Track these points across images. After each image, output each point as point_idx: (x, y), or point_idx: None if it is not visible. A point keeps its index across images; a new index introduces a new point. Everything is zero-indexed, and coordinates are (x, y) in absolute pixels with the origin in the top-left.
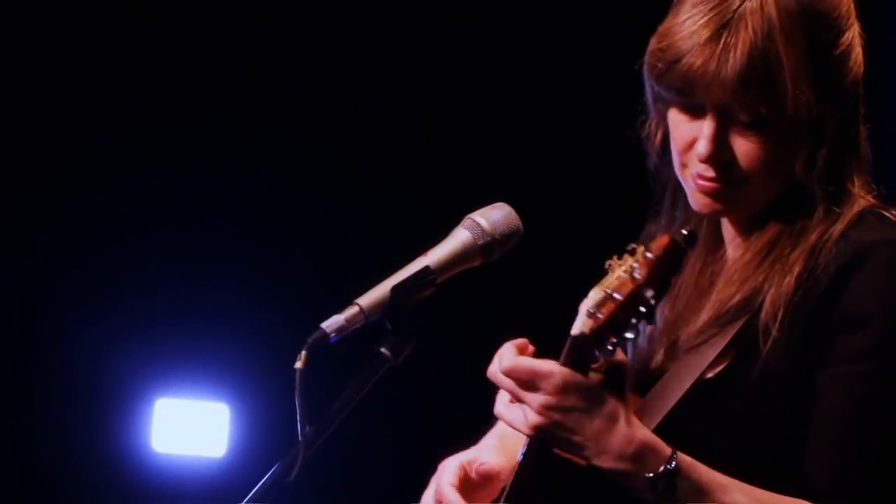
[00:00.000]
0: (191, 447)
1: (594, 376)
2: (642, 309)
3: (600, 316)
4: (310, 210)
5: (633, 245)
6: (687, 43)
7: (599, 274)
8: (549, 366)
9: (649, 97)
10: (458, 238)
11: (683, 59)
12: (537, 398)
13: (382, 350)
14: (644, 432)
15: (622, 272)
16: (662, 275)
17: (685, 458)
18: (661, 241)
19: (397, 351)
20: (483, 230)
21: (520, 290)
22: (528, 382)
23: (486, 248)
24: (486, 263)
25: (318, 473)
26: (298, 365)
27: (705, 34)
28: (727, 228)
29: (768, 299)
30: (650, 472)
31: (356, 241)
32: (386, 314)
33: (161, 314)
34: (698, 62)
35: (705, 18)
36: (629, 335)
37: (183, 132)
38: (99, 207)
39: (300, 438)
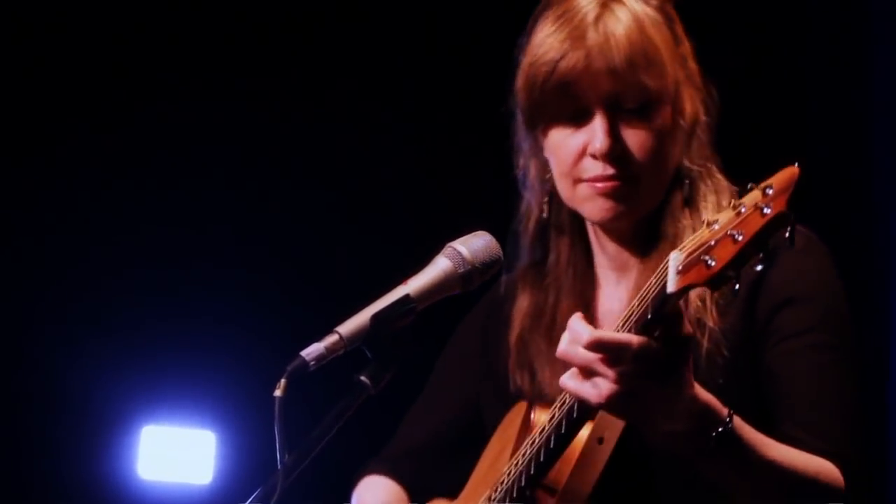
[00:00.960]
0: (177, 474)
1: (667, 344)
2: (787, 233)
3: (714, 262)
4: (292, 238)
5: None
6: (565, 44)
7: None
8: (629, 336)
9: (521, 129)
10: (439, 266)
11: (565, 59)
12: (613, 371)
13: (362, 378)
14: (705, 393)
15: (729, 216)
16: (793, 201)
17: (738, 419)
18: (785, 173)
19: (377, 379)
20: (463, 258)
21: None
22: (613, 354)
23: (467, 277)
24: (466, 291)
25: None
26: (278, 393)
27: (580, 31)
28: (601, 258)
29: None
30: (714, 431)
31: (338, 270)
32: (366, 342)
33: (147, 342)
34: (581, 56)
35: (576, 20)
36: (759, 267)
37: (167, 160)
38: (86, 235)
39: (279, 467)
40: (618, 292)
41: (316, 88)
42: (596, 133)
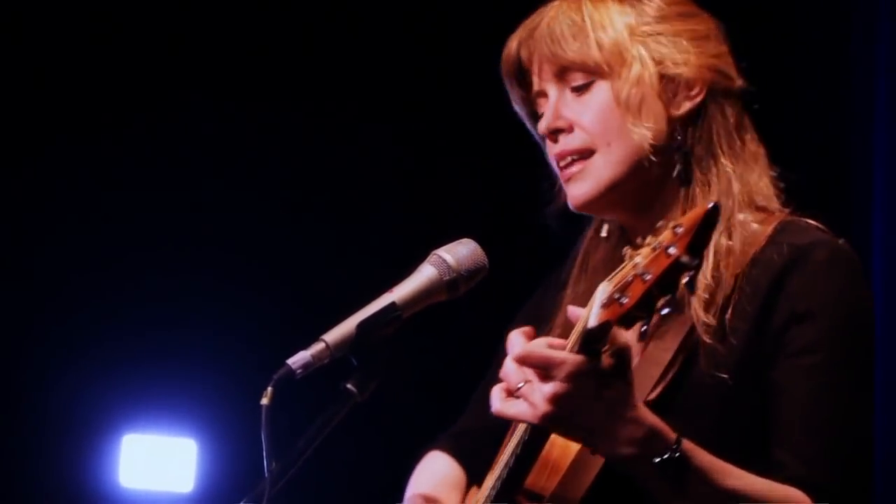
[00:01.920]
0: (158, 483)
1: (604, 361)
2: (686, 277)
3: (626, 300)
4: (276, 246)
5: (639, 241)
6: (514, 41)
7: None
8: (561, 354)
9: None
10: (424, 274)
11: (513, 48)
12: (548, 387)
13: (348, 386)
14: (652, 417)
15: (645, 253)
16: (701, 242)
17: (688, 443)
18: (693, 213)
19: (363, 387)
20: (449, 266)
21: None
22: (541, 370)
23: (452, 284)
24: (452, 299)
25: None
26: (264, 401)
27: (525, 24)
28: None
29: (695, 305)
30: (657, 457)
31: (323, 277)
32: (352, 350)
33: (128, 350)
34: (514, 43)
35: (525, 22)
36: (665, 311)
37: (151, 171)
38: (67, 245)
39: (266, 475)
40: None
41: (302, 97)
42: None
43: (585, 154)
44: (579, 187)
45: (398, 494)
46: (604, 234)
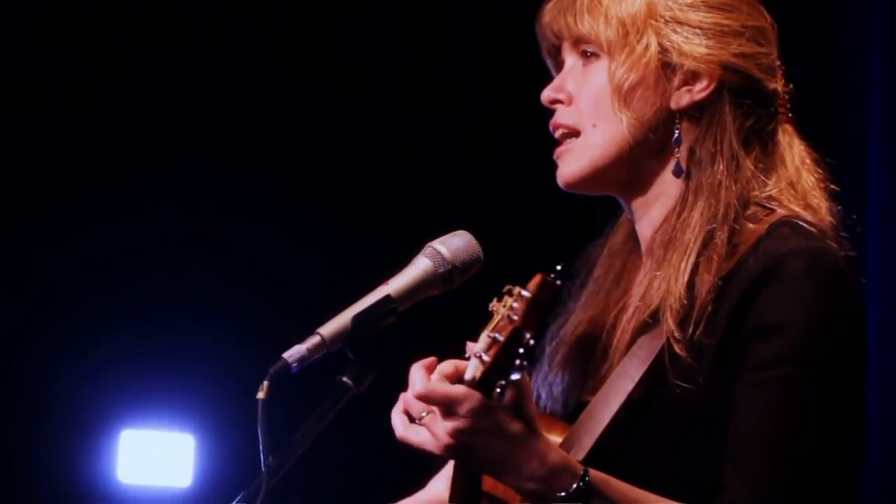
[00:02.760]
0: (156, 478)
1: (506, 395)
2: (521, 350)
3: (486, 359)
4: (271, 240)
5: (509, 286)
6: (544, 8)
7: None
8: (462, 391)
9: None
10: (419, 266)
11: (543, 15)
12: (449, 423)
13: (344, 379)
14: (556, 453)
15: (503, 313)
16: (538, 315)
17: (597, 474)
18: (535, 280)
19: (359, 380)
20: (444, 258)
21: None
22: (443, 407)
23: (447, 276)
24: (447, 291)
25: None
26: (260, 395)
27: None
28: (641, 236)
29: (668, 316)
30: (562, 492)
31: (318, 271)
32: (347, 343)
33: (126, 346)
34: (554, 8)
35: None
36: (515, 376)
37: (144, 170)
38: (64, 243)
39: (263, 469)
40: (640, 287)
41: (296, 94)
42: None
43: (573, 130)
44: (565, 167)
45: (393, 487)
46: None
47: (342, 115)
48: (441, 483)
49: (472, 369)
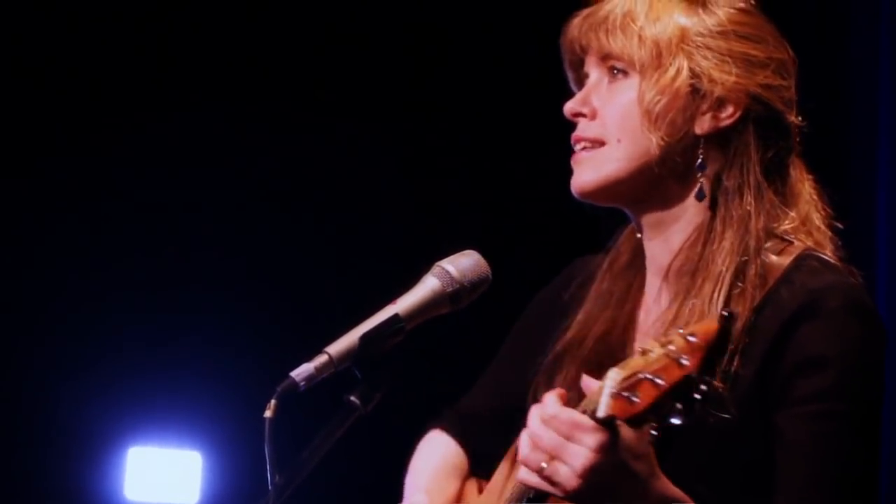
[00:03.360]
0: (164, 495)
1: (624, 431)
2: (696, 395)
3: (637, 400)
4: (279, 258)
5: (668, 329)
6: (573, 21)
7: None
8: (591, 422)
9: None
10: (427, 285)
11: (572, 28)
12: (579, 461)
13: (352, 399)
14: (673, 489)
15: (657, 354)
16: (712, 361)
17: None
18: (708, 327)
19: (367, 399)
20: (452, 278)
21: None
22: (567, 434)
23: (455, 296)
24: (455, 310)
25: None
26: (268, 414)
27: (593, 7)
28: (647, 255)
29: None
30: None
31: (326, 290)
32: (355, 362)
33: (133, 362)
34: (584, 22)
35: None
36: (675, 420)
37: (151, 182)
38: (71, 258)
39: (270, 487)
40: (654, 308)
41: (301, 107)
42: None
43: (596, 143)
44: (582, 174)
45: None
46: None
47: (353, 131)
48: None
49: (605, 408)
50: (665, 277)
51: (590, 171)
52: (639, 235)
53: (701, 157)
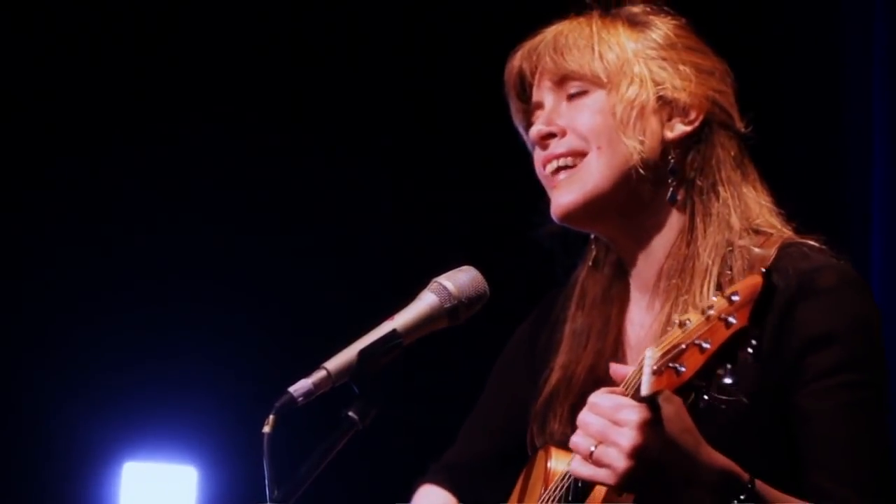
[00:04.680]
0: None
1: (665, 406)
2: (749, 349)
3: (683, 368)
4: (276, 274)
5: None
6: (517, 53)
7: None
8: (628, 401)
9: None
10: (425, 301)
11: (516, 60)
12: (624, 438)
13: (350, 414)
14: (723, 458)
15: (697, 322)
16: (762, 314)
17: (760, 483)
18: (753, 281)
19: (364, 414)
20: (450, 293)
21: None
22: (611, 416)
23: (453, 312)
24: (453, 326)
25: None
26: (266, 429)
27: (533, 40)
28: (630, 275)
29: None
30: (736, 499)
31: (323, 305)
32: (353, 378)
33: (128, 378)
34: (533, 52)
35: (530, 38)
36: (727, 381)
37: (149, 200)
38: (67, 274)
39: (269, 502)
40: (646, 319)
41: (298, 129)
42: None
43: (576, 155)
44: (564, 195)
45: None
46: (590, 262)
47: (348, 147)
48: None
49: (648, 385)
50: (653, 288)
51: (573, 190)
52: (594, 263)
53: (672, 161)
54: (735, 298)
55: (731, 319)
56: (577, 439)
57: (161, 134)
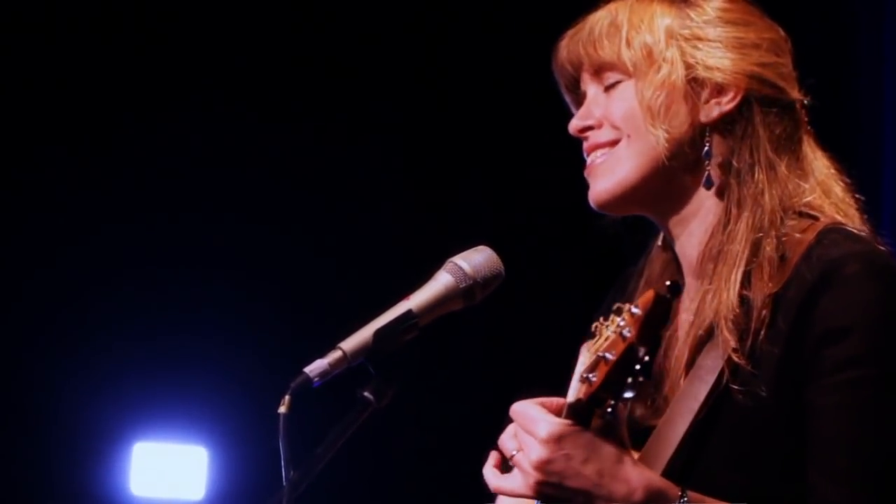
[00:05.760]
0: (169, 491)
1: (594, 421)
2: (637, 367)
3: (594, 379)
4: (289, 253)
5: (619, 304)
6: (560, 44)
7: (583, 318)
8: (542, 414)
9: None
10: (441, 281)
11: (560, 51)
12: (534, 453)
13: (365, 394)
14: (649, 474)
15: (611, 332)
16: (653, 330)
17: (694, 495)
18: (647, 296)
19: (380, 395)
20: (465, 273)
21: (500, 334)
22: (525, 427)
23: (468, 292)
24: (468, 306)
25: None
26: (282, 409)
27: (575, 27)
28: (681, 260)
29: (723, 328)
30: None
31: (338, 284)
32: (369, 358)
33: (138, 358)
34: (571, 42)
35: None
36: (628, 395)
37: (158, 181)
38: (77, 256)
39: (285, 483)
40: (690, 304)
41: (310, 109)
42: None
43: (612, 145)
44: (599, 183)
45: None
46: (659, 242)
47: (360, 131)
48: None
49: (575, 392)
50: (696, 272)
51: (604, 179)
52: (662, 242)
53: (707, 145)
54: (635, 311)
55: (626, 333)
56: (504, 438)
57: (168, 119)
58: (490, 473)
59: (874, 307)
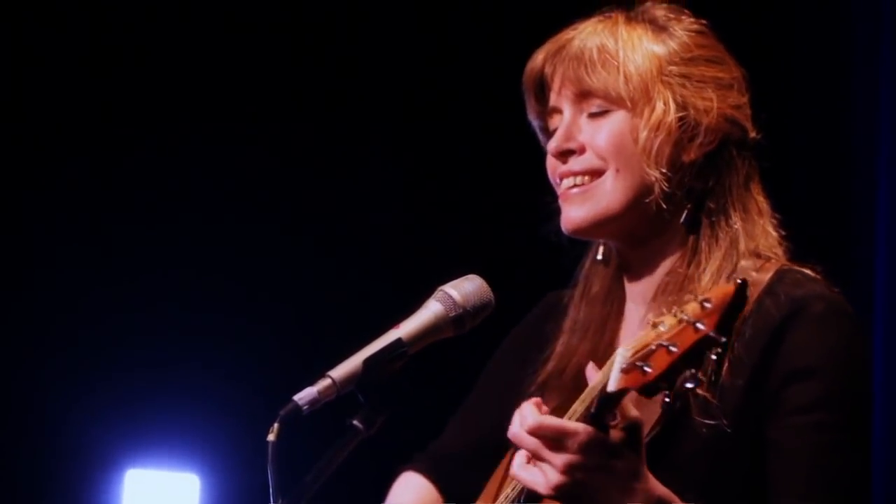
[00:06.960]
0: None
1: (614, 434)
2: (713, 356)
3: (649, 369)
4: (280, 281)
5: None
6: (540, 54)
7: None
8: (574, 425)
9: None
10: (430, 310)
11: (539, 61)
12: (561, 458)
13: (355, 422)
14: (661, 488)
15: (670, 324)
16: (731, 321)
17: None
18: (725, 289)
19: (370, 423)
20: (455, 302)
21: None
22: (553, 441)
23: (458, 320)
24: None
25: None
26: (271, 437)
27: (558, 40)
28: (628, 285)
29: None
30: None
31: (328, 313)
32: (358, 386)
33: (131, 385)
34: (556, 57)
35: (556, 36)
36: (689, 385)
37: (150, 206)
38: (71, 282)
39: None
40: (638, 332)
41: (301, 133)
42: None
43: (593, 174)
44: (577, 210)
45: None
46: (599, 256)
47: (355, 155)
48: None
49: (617, 382)
50: (649, 303)
51: (586, 208)
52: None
53: (687, 182)
54: (707, 305)
55: (700, 325)
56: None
57: (166, 133)
58: (518, 463)
59: (839, 351)
